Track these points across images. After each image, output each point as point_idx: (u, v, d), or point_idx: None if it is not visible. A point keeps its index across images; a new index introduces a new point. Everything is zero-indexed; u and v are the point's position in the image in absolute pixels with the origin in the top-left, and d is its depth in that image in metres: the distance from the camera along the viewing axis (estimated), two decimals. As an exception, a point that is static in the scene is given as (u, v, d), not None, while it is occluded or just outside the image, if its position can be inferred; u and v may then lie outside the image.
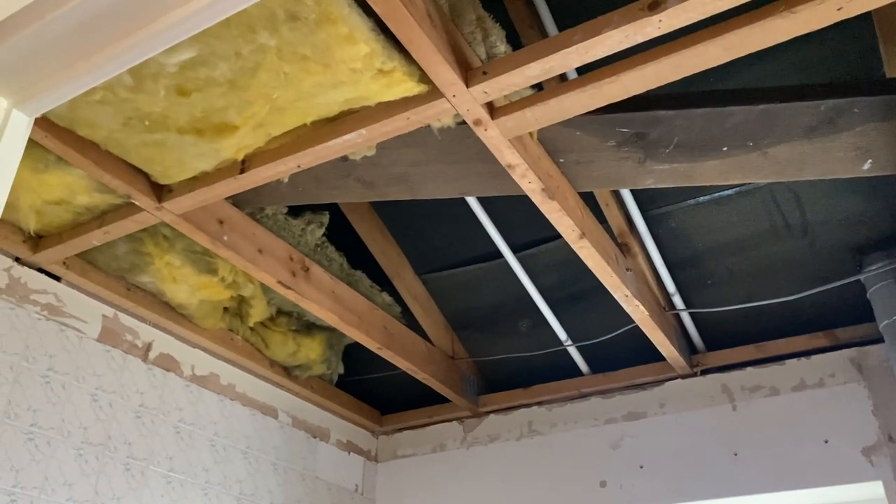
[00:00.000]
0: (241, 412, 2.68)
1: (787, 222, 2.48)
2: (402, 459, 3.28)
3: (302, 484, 2.86)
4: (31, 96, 0.92)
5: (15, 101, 0.92)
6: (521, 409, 3.10)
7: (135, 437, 2.29)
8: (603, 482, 2.81)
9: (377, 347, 2.64)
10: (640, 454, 2.79)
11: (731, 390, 2.71)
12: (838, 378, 2.53)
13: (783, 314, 2.64)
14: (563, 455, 2.93)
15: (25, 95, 0.92)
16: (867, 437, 2.41)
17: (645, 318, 2.45)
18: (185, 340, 2.54)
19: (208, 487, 2.47)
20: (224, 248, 2.09)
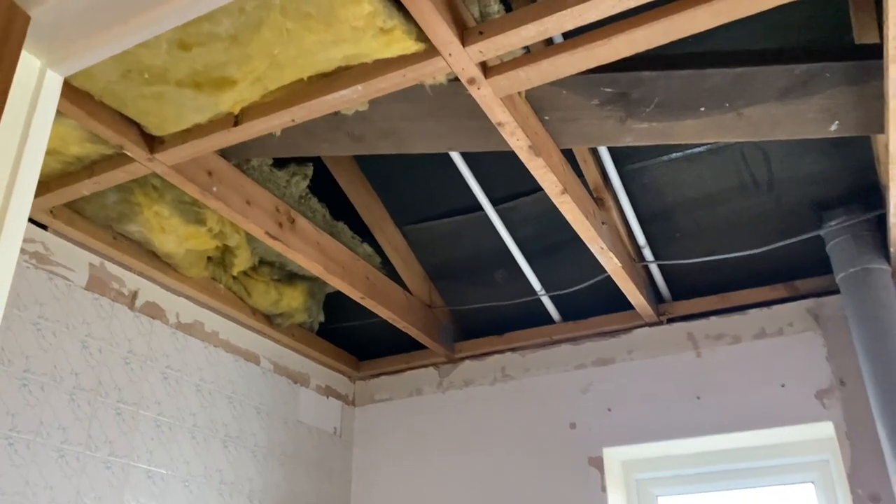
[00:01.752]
0: (225, 359, 2.75)
1: (755, 179, 2.59)
2: (379, 403, 3.39)
3: (284, 427, 2.95)
4: (65, 57, 0.95)
5: (49, 61, 0.95)
6: (494, 356, 3.22)
7: (124, 383, 2.34)
8: (573, 424, 2.96)
9: (360, 297, 2.72)
10: (608, 398, 2.93)
11: (696, 338, 2.86)
12: (796, 327, 2.69)
13: (747, 266, 2.78)
14: (534, 398, 3.07)
15: (60, 56, 0.95)
16: (821, 381, 2.59)
17: (617, 269, 2.56)
18: (169, 289, 2.57)
19: (196, 431, 2.55)
20: (214, 200, 2.12)
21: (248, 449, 2.74)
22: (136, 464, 2.31)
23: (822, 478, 2.69)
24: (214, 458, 2.59)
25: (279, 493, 2.84)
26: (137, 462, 2.31)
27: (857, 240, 2.50)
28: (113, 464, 2.24)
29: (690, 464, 2.89)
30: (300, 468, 2.98)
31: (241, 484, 2.67)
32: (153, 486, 2.35)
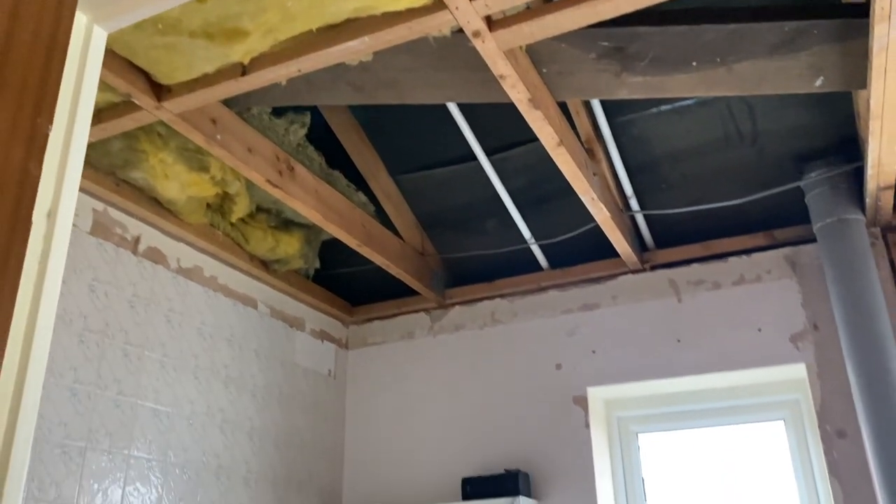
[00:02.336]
0: (224, 303, 2.82)
1: (740, 131, 2.68)
2: (372, 347, 3.50)
3: (281, 369, 3.05)
4: (111, 14, 1.00)
5: (95, 17, 1.00)
6: (484, 301, 3.33)
7: (130, 325, 2.41)
8: (558, 365, 3.09)
9: (357, 245, 2.79)
10: (593, 341, 3.06)
11: (678, 284, 2.98)
12: (774, 274, 2.82)
13: (728, 216, 2.89)
14: (522, 342, 3.19)
15: (106, 13, 0.99)
16: (795, 325, 2.73)
17: (606, 219, 2.65)
18: (170, 235, 2.63)
19: (198, 372, 2.64)
20: (218, 147, 2.17)
21: (247, 389, 2.84)
22: (144, 402, 2.40)
23: (793, 416, 2.86)
24: (216, 397, 2.69)
25: (277, 431, 2.96)
26: (144, 401, 2.40)
27: (835, 191, 2.62)
28: (122, 402, 2.32)
29: (669, 403, 3.04)
30: (297, 408, 3.10)
31: (241, 422, 2.78)
32: (160, 423, 2.44)
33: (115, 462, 2.26)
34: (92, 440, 2.20)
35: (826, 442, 2.57)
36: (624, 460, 3.08)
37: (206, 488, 2.56)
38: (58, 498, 2.06)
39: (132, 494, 2.29)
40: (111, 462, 2.24)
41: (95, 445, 2.21)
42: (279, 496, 2.89)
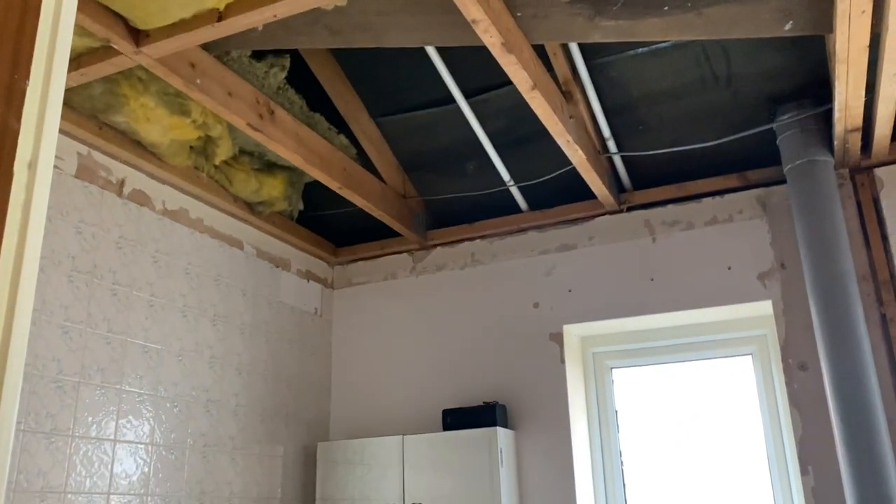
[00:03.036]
0: (210, 244, 2.89)
1: (715, 74, 2.72)
2: (356, 286, 3.59)
3: (268, 307, 3.15)
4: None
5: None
6: (465, 243, 3.41)
7: (118, 266, 2.48)
8: (536, 304, 3.19)
9: (338, 187, 2.85)
10: (570, 280, 3.16)
11: (653, 225, 3.06)
12: (745, 214, 2.91)
13: (703, 157, 2.96)
14: (501, 281, 3.29)
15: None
16: (763, 264, 2.83)
17: (582, 161, 2.71)
18: (154, 177, 2.68)
19: (186, 311, 2.72)
20: (197, 92, 2.20)
21: (235, 327, 2.94)
22: (133, 340, 2.49)
23: (760, 351, 2.98)
24: (204, 335, 2.78)
25: (265, 367, 3.07)
26: (134, 338, 2.49)
27: (806, 133, 2.68)
28: (112, 339, 2.41)
29: (642, 339, 3.16)
30: (284, 345, 3.20)
31: (229, 358, 2.88)
32: (150, 359, 2.54)
33: (108, 396, 2.36)
34: (84, 375, 2.30)
35: (788, 374, 2.70)
36: (598, 394, 3.21)
37: (196, 421, 2.67)
38: (54, 430, 2.17)
39: (125, 427, 2.40)
40: (104, 396, 2.35)
41: (88, 381, 2.31)
42: (267, 428, 3.02)
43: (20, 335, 0.87)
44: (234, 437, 2.83)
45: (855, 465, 2.36)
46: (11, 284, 0.88)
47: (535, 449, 3.02)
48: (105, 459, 2.31)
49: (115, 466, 2.34)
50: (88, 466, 2.25)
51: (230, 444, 2.81)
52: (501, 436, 2.92)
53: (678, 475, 3.05)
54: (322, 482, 3.12)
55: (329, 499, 3.09)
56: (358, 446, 3.11)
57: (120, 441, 2.37)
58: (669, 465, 3.07)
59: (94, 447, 2.28)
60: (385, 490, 3.00)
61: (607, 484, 3.08)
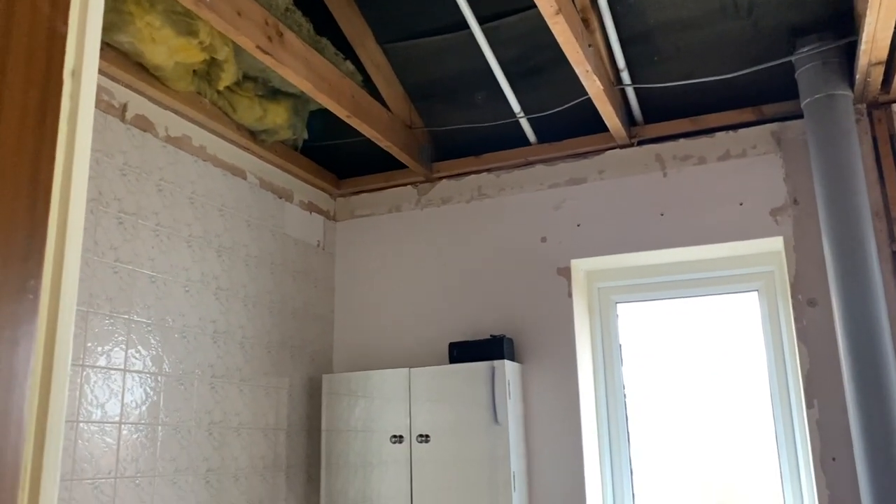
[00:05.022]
0: (214, 173, 2.82)
1: (735, 2, 2.64)
2: (360, 219, 3.54)
3: (272, 239, 3.10)
4: None
5: None
6: (471, 176, 3.36)
7: (123, 194, 2.41)
8: (543, 238, 3.17)
9: (346, 115, 2.76)
10: (578, 214, 3.13)
11: (664, 159, 3.02)
12: (759, 149, 2.87)
13: (718, 90, 2.90)
14: (508, 215, 3.25)
15: None
16: (776, 200, 2.81)
17: (599, 92, 2.65)
18: (157, 102, 2.58)
19: (192, 241, 2.67)
20: (206, 10, 2.10)
21: (240, 258, 2.89)
22: (141, 269, 2.44)
23: (766, 287, 2.99)
24: (210, 265, 2.74)
25: (270, 299, 3.03)
26: (141, 268, 2.44)
27: (826, 66, 2.62)
28: (120, 269, 2.36)
29: (648, 274, 3.16)
30: (288, 277, 3.17)
31: (235, 290, 2.85)
32: (157, 289, 2.50)
33: (117, 326, 2.32)
34: (93, 305, 2.25)
35: (797, 310, 2.71)
36: (602, 328, 3.22)
37: (204, 351, 2.65)
38: (65, 358, 2.13)
39: (134, 356, 2.37)
40: (113, 326, 2.31)
41: (97, 310, 2.26)
42: (273, 359, 3.00)
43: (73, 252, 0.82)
44: (242, 368, 2.82)
45: (862, 398, 2.39)
46: (62, 200, 0.83)
47: (541, 382, 3.04)
48: (115, 389, 2.29)
49: (125, 396, 2.32)
50: (100, 396, 2.23)
51: (237, 375, 2.79)
52: (508, 368, 2.93)
53: (680, 408, 3.09)
54: (327, 413, 3.13)
55: (334, 430, 3.11)
56: (363, 378, 3.11)
57: (129, 371, 2.35)
58: (671, 399, 3.11)
59: (105, 377, 2.26)
60: (390, 421, 3.02)
61: (610, 416, 3.12)
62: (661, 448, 3.08)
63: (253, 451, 2.81)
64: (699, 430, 3.05)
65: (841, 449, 2.56)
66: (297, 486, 3.05)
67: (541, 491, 2.94)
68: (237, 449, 2.74)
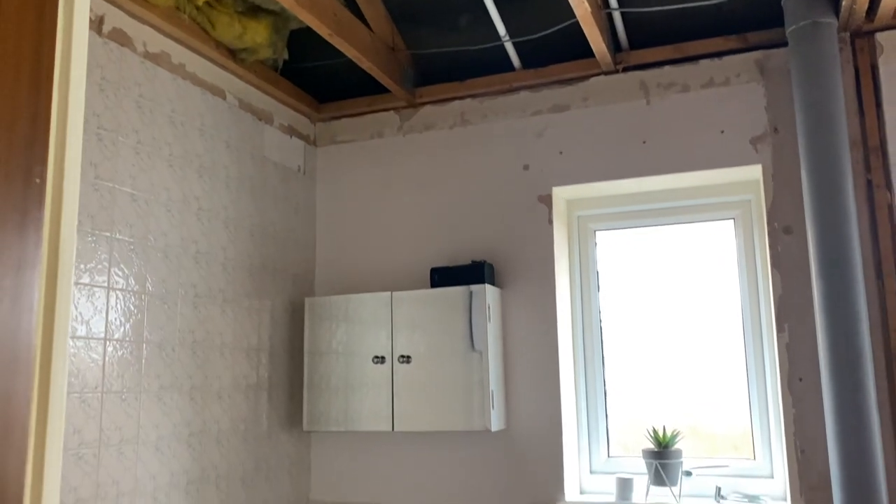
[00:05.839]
0: (193, 92, 2.76)
1: (725, -74, 2.61)
2: (340, 145, 3.51)
3: (252, 162, 3.07)
4: None
5: None
6: (454, 101, 3.33)
7: (101, 109, 2.36)
8: (526, 165, 3.18)
9: (328, 34, 2.71)
10: (561, 142, 3.13)
11: (648, 86, 3.02)
12: (742, 78, 2.88)
13: (705, 16, 2.88)
14: (491, 142, 3.25)
15: None
16: (757, 129, 2.83)
17: (586, 14, 2.62)
18: (134, 16, 2.51)
19: (172, 160, 2.63)
20: (186, -84, 2.02)
21: (220, 180, 2.86)
22: (122, 188, 2.41)
23: (743, 215, 3.04)
24: (191, 186, 2.71)
25: (251, 223, 3.03)
26: (122, 186, 2.41)
27: (813, -6, 2.62)
28: (100, 186, 2.33)
29: (627, 202, 3.19)
30: (269, 201, 3.15)
31: (217, 211, 2.83)
32: (138, 208, 2.47)
33: (99, 243, 2.31)
34: (75, 221, 2.23)
35: (772, 237, 2.77)
36: (581, 255, 3.27)
37: (187, 272, 2.65)
38: (48, 274, 2.12)
39: (117, 274, 2.36)
40: (95, 243, 2.29)
41: (79, 227, 2.24)
42: (255, 282, 3.02)
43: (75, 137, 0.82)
44: (224, 289, 2.83)
45: (831, 322, 2.48)
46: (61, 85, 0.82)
47: (520, 306, 3.09)
48: (99, 306, 2.29)
49: (109, 314, 2.32)
50: (84, 312, 2.23)
51: (220, 296, 2.80)
52: (489, 292, 2.97)
53: (654, 333, 3.18)
54: (310, 335, 3.17)
55: (316, 352, 3.15)
56: (345, 301, 3.14)
57: (113, 289, 2.34)
58: (646, 324, 3.19)
59: (88, 294, 2.25)
60: (373, 344, 3.07)
61: (586, 340, 3.20)
62: (635, 371, 3.18)
63: (236, 371, 2.85)
64: (672, 354, 3.14)
65: (808, 371, 2.66)
66: (279, 405, 3.10)
67: (518, 410, 3.02)
68: (220, 368, 2.77)
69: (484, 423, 2.85)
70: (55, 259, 0.77)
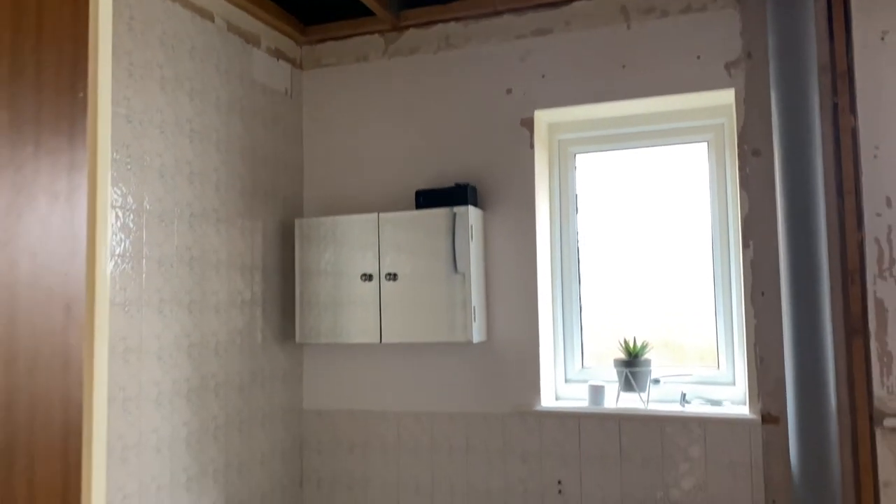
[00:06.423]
0: (182, 14, 2.80)
1: None
2: (326, 68, 3.57)
3: (241, 85, 3.13)
4: None
5: None
6: (439, 25, 3.38)
7: (94, 32, 2.41)
8: (509, 89, 3.26)
9: (315, -45, 2.74)
10: (544, 65, 3.21)
11: (629, 11, 3.09)
12: (719, 3, 2.96)
13: (685, -57, 2.94)
14: (475, 66, 3.32)
15: None
16: (731, 54, 2.93)
17: (568, -62, 2.67)
18: (122, -64, 2.53)
19: (164, 82, 2.70)
20: None
21: (210, 102, 2.94)
22: (117, 109, 2.48)
23: (716, 138, 3.17)
24: (182, 107, 2.78)
25: (242, 145, 3.11)
26: (118, 108, 2.49)
27: (790, -80, 2.68)
28: (96, 107, 2.40)
29: (606, 126, 3.31)
30: (258, 124, 3.23)
31: (208, 133, 2.91)
32: (133, 129, 2.55)
33: (98, 163, 2.39)
34: (74, 141, 2.31)
35: (742, 159, 2.91)
36: (561, 178, 3.40)
37: (181, 191, 2.75)
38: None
39: (116, 193, 2.46)
40: (94, 162, 2.38)
41: (78, 146, 2.33)
42: (247, 202, 3.13)
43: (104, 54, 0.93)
44: (218, 209, 2.94)
45: (792, 239, 2.65)
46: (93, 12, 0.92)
47: (501, 227, 3.23)
48: (100, 223, 2.39)
49: (110, 231, 2.43)
50: (86, 229, 2.34)
51: (214, 215, 2.92)
52: (472, 214, 3.11)
53: (628, 252, 3.34)
54: (301, 255, 3.30)
55: (307, 271, 3.29)
56: (333, 222, 3.27)
57: (113, 206, 2.45)
58: (621, 243, 3.35)
59: (89, 211, 2.35)
60: (361, 263, 3.21)
61: (564, 259, 3.36)
62: (610, 287, 3.36)
63: (231, 287, 2.99)
64: (645, 272, 3.32)
65: (770, 285, 2.85)
66: (272, 319, 3.26)
67: (498, 324, 3.20)
68: (217, 284, 2.91)
69: (466, 336, 3.03)
70: (95, 163, 0.89)
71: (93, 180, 0.89)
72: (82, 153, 0.85)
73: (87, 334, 0.86)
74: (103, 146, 0.91)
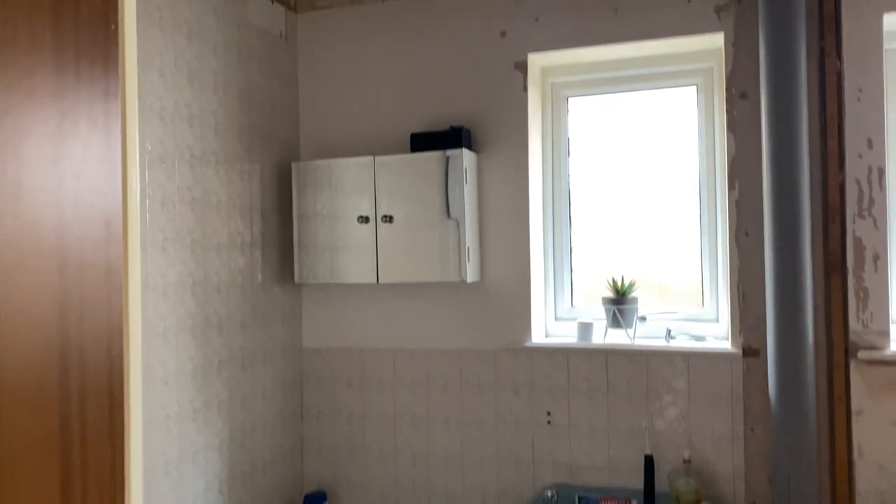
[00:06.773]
0: (178, -44, 2.82)
1: None
2: (320, 11, 3.58)
3: (236, 28, 3.15)
4: None
5: None
6: (433, -33, 3.39)
7: None
8: (503, 32, 3.30)
9: None
10: (537, 9, 3.24)
11: (621, -45, 3.11)
12: (711, -54, 2.99)
13: None
14: (470, 9, 3.35)
15: None
16: (721, -3, 2.98)
17: None
18: None
19: (163, 25, 2.73)
20: None
21: (208, 45, 2.97)
22: (117, 51, 2.52)
23: (705, 82, 3.23)
24: (181, 50, 2.82)
25: (239, 88, 3.15)
26: (117, 49, 2.52)
27: None
28: (97, 49, 2.44)
29: (598, 70, 3.36)
30: (254, 67, 3.26)
31: (205, 77, 2.95)
32: (133, 72, 2.59)
33: (101, 104, 2.44)
34: (77, 82, 2.36)
35: (729, 102, 2.98)
36: (553, 121, 3.46)
37: (181, 134, 2.81)
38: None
39: (119, 134, 2.52)
40: (97, 104, 2.43)
41: (81, 87, 2.37)
42: (245, 146, 3.18)
43: None
44: (217, 151, 3.00)
45: (776, 180, 2.74)
46: None
47: (495, 169, 3.31)
48: (104, 164, 2.45)
49: (114, 171, 2.49)
50: (91, 169, 2.40)
51: (213, 157, 2.98)
52: (466, 157, 3.18)
53: (618, 194, 3.43)
54: (298, 197, 3.37)
55: (304, 213, 3.37)
56: (330, 165, 3.33)
57: (116, 147, 2.50)
58: (610, 185, 3.44)
59: (94, 152, 2.41)
60: (357, 205, 3.29)
61: (555, 201, 3.45)
62: (600, 229, 3.45)
63: (231, 228, 3.07)
64: (634, 213, 3.41)
65: (753, 226, 2.95)
66: (272, 260, 3.35)
67: (491, 264, 3.31)
68: (217, 224, 2.98)
69: (460, 275, 3.13)
70: (124, 91, 0.97)
71: (123, 107, 0.97)
72: (115, 82, 0.92)
73: (123, 248, 0.94)
74: (131, 74, 0.98)
